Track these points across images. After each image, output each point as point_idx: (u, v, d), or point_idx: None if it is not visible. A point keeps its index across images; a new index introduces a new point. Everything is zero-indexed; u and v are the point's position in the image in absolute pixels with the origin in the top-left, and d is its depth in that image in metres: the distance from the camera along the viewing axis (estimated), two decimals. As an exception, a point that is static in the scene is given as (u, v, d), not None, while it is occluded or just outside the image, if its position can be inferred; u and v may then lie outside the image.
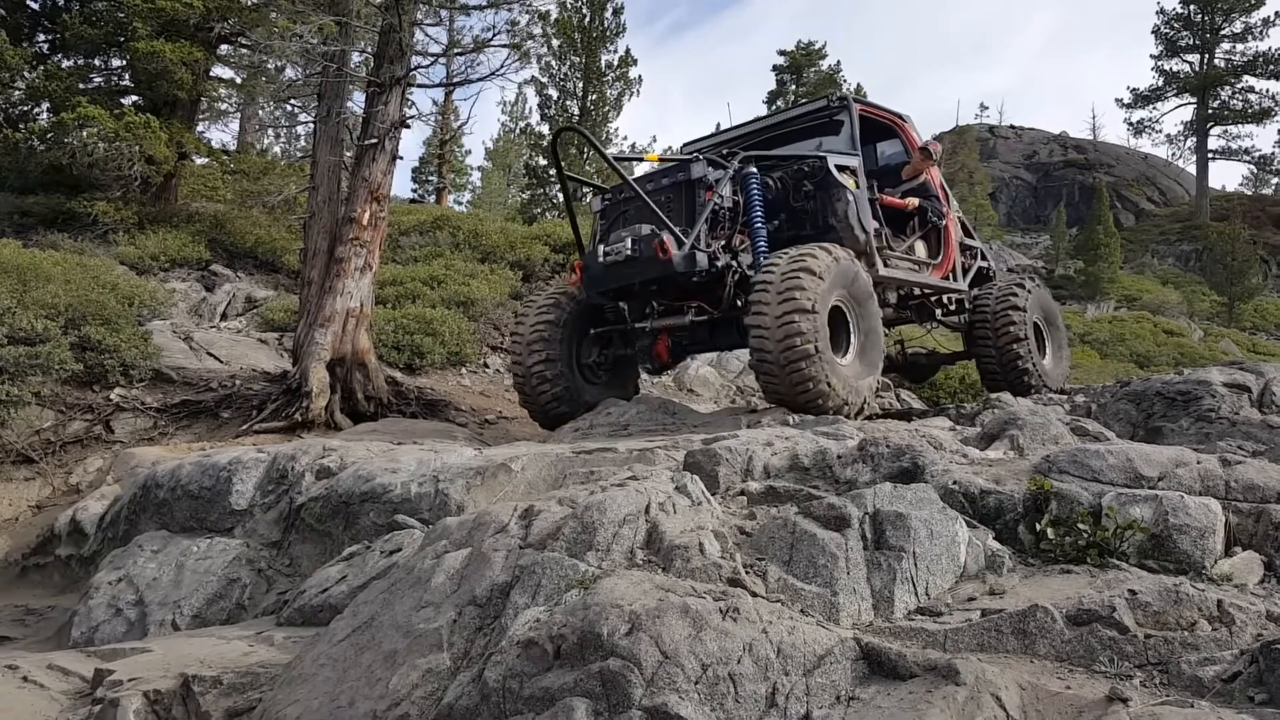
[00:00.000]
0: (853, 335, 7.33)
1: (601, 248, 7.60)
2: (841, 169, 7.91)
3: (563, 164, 8.27)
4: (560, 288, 8.51)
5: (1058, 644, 2.85)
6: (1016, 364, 9.08)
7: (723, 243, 7.52)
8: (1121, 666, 2.74)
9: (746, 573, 3.17)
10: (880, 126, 9.23)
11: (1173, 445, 5.04)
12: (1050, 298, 10.33)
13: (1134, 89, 51.59)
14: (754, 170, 7.63)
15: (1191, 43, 49.17)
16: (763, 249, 7.34)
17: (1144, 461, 4.10)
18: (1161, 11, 49.67)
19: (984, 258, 10.06)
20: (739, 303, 7.46)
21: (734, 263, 7.44)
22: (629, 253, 7.32)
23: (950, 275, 9.18)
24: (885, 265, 8.12)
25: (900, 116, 9.33)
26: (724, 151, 8.21)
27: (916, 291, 9.24)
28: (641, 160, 10.23)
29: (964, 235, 9.75)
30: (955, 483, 4.07)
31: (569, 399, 8.11)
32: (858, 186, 7.97)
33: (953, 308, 9.81)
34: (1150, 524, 3.58)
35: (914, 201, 8.77)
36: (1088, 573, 3.38)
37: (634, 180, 7.68)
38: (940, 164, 9.24)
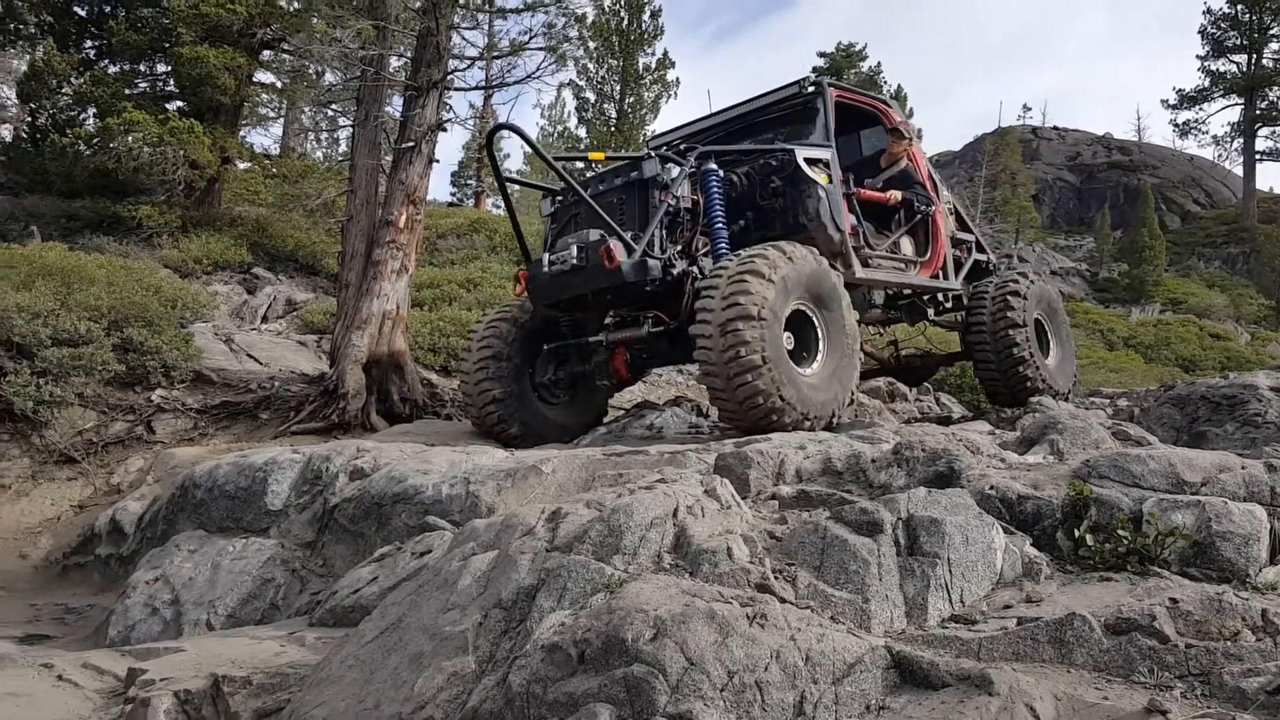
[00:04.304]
0: (820, 342, 6.65)
1: (547, 256, 6.97)
2: (812, 162, 7.16)
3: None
4: (514, 301, 7.89)
5: (1095, 653, 2.77)
6: (1017, 367, 8.29)
7: (680, 247, 6.90)
8: (1161, 677, 2.66)
9: (776, 578, 3.12)
10: (862, 114, 8.39)
11: (1217, 450, 4.93)
12: (1054, 291, 9.34)
13: (1180, 90, 50.68)
14: (714, 167, 6.97)
15: (1239, 43, 48.11)
16: (724, 252, 6.70)
17: (1186, 466, 4.00)
18: (1208, 11, 48.65)
19: (981, 250, 9.16)
20: None
21: (693, 269, 6.79)
22: (575, 261, 6.68)
23: (940, 272, 8.36)
24: (864, 266, 7.41)
25: (883, 101, 8.63)
26: (682, 147, 7.62)
27: (906, 290, 8.52)
28: (586, 159, 9.34)
29: (957, 227, 8.92)
30: (992, 488, 3.99)
31: (519, 419, 7.47)
32: (830, 181, 7.19)
33: (947, 305, 9.01)
34: (1192, 531, 3.50)
35: (896, 195, 7.93)
36: (1127, 580, 3.30)
37: (585, 180, 7.14)
38: (914, 140, 8.45)
